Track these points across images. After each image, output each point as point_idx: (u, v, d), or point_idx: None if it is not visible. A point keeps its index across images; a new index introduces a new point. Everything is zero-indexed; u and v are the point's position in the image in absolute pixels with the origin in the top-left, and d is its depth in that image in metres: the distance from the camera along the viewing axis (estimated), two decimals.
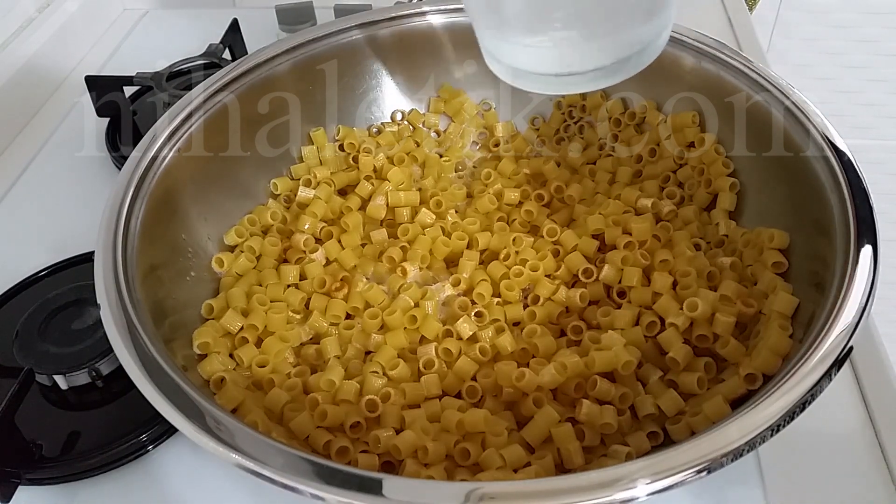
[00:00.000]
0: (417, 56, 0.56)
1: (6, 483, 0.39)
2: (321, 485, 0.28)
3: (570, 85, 0.35)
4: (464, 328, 0.43)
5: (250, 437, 0.30)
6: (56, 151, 0.65)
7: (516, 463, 0.35)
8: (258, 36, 0.74)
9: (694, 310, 0.40)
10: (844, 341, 0.32)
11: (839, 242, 0.36)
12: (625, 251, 0.45)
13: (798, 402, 0.30)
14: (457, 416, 0.37)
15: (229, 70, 0.49)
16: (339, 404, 0.39)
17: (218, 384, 0.39)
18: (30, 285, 0.50)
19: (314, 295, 0.45)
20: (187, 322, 0.42)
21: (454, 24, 0.54)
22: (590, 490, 0.27)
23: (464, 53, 0.56)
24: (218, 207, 0.48)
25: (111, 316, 0.35)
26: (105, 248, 0.38)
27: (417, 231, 0.48)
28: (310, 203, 0.50)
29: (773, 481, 0.39)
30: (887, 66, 0.93)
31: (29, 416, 0.41)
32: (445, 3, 0.54)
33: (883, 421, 0.41)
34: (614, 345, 0.39)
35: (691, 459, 0.28)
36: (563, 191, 0.51)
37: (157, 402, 0.32)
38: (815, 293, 0.36)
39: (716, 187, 0.47)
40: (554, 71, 0.34)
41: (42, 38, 0.71)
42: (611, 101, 0.54)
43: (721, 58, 0.47)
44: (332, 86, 0.54)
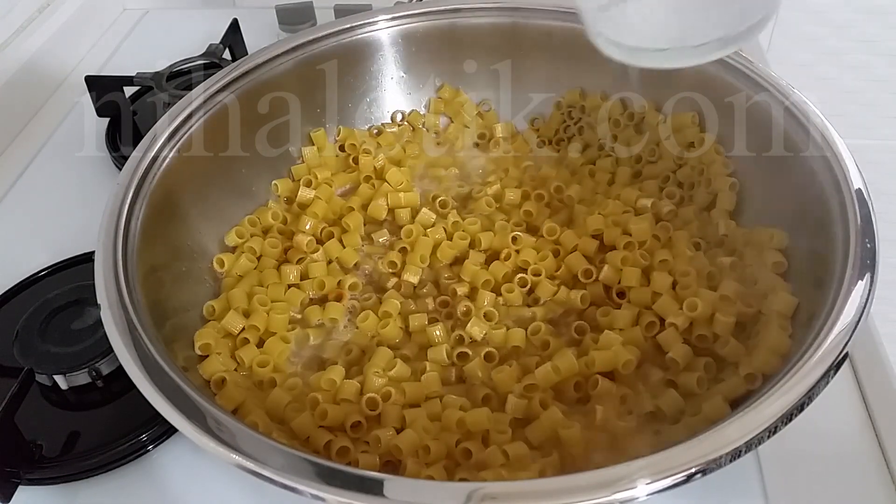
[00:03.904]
0: (417, 56, 0.56)
1: (6, 483, 0.39)
2: (321, 485, 0.28)
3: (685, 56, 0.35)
4: (474, 330, 0.42)
5: (250, 437, 0.30)
6: (56, 151, 0.65)
7: (520, 460, 0.35)
8: (258, 36, 0.74)
9: (694, 310, 0.40)
10: (844, 341, 0.32)
11: (839, 242, 0.36)
12: (624, 251, 0.45)
13: (798, 401, 0.30)
14: (458, 415, 0.37)
15: (229, 70, 0.49)
16: (339, 404, 0.39)
17: (219, 384, 0.39)
18: (30, 285, 0.50)
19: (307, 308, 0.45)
20: (188, 323, 0.42)
21: (454, 25, 0.54)
22: (590, 490, 0.27)
23: (464, 54, 0.56)
24: (218, 208, 0.48)
25: (111, 316, 0.35)
26: (105, 248, 0.38)
27: (419, 231, 0.48)
28: (310, 203, 0.50)
29: (773, 481, 0.39)
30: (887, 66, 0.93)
31: (29, 416, 0.41)
32: (446, 3, 0.54)
33: (883, 421, 0.41)
34: (613, 344, 0.39)
35: (691, 459, 0.28)
36: (563, 191, 0.51)
37: (157, 402, 0.32)
38: (814, 293, 0.36)
39: (716, 187, 0.47)
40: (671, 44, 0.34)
41: (42, 38, 0.71)
42: (610, 101, 0.54)
43: (721, 58, 0.47)
44: (332, 86, 0.54)
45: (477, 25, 0.55)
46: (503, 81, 0.57)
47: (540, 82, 0.56)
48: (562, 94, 0.56)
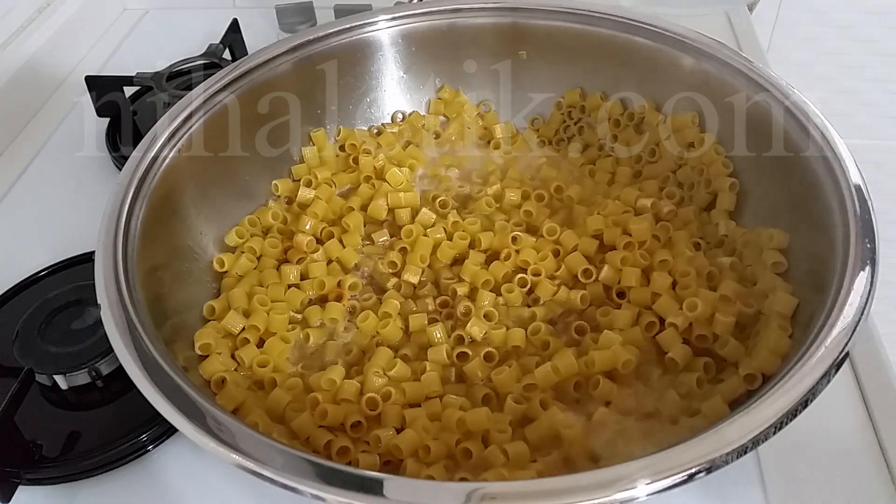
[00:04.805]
0: (417, 56, 0.56)
1: (6, 483, 0.39)
2: (321, 485, 0.28)
3: None
4: (474, 330, 0.42)
5: (250, 437, 0.30)
6: (56, 151, 0.65)
7: (520, 460, 0.35)
8: (258, 36, 0.74)
9: (693, 310, 0.40)
10: (844, 341, 0.32)
11: (839, 242, 0.36)
12: (624, 251, 0.45)
13: (798, 402, 0.30)
14: (458, 415, 0.37)
15: (229, 70, 0.49)
16: (339, 403, 0.39)
17: (219, 384, 0.39)
18: (30, 285, 0.50)
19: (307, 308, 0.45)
20: (188, 323, 0.42)
21: (454, 25, 0.54)
22: (590, 490, 0.27)
23: (464, 54, 0.56)
24: (218, 208, 0.48)
25: (111, 316, 0.35)
26: (105, 248, 0.38)
27: (419, 231, 0.48)
28: (310, 203, 0.50)
29: (773, 481, 0.39)
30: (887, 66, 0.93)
31: (29, 416, 0.41)
32: (446, 3, 0.54)
33: (883, 421, 0.41)
34: (613, 344, 0.39)
35: (691, 459, 0.28)
36: (563, 191, 0.51)
37: (157, 402, 0.32)
38: (814, 293, 0.36)
39: (715, 187, 0.47)
40: None
41: (42, 38, 0.71)
42: (610, 101, 0.54)
43: (721, 58, 0.47)
44: (332, 86, 0.54)
45: (477, 25, 0.55)
46: (503, 81, 0.57)
47: (540, 82, 0.56)
48: (562, 94, 0.56)
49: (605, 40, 0.52)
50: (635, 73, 0.52)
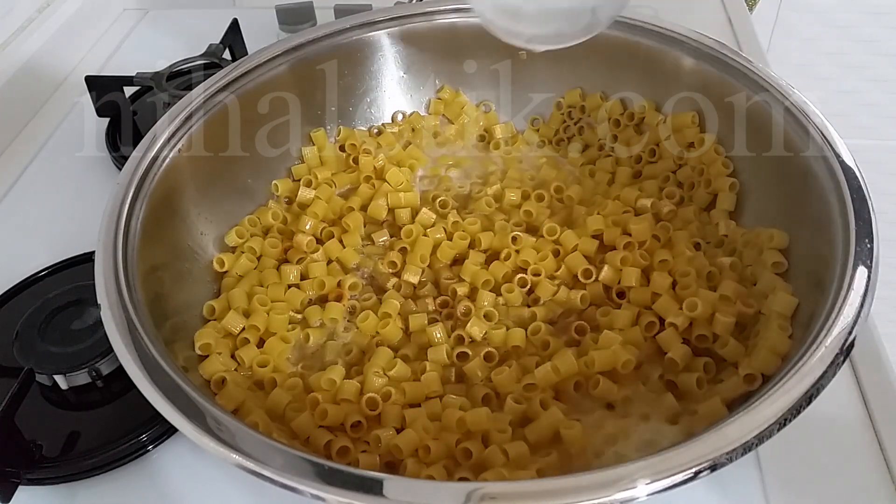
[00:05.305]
0: (417, 56, 0.56)
1: (6, 483, 0.39)
2: (321, 485, 0.28)
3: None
4: (474, 330, 0.42)
5: (250, 437, 0.30)
6: (56, 151, 0.65)
7: (520, 460, 0.35)
8: (258, 36, 0.74)
9: (693, 310, 0.40)
10: (844, 341, 0.32)
11: (839, 242, 0.36)
12: (624, 251, 0.45)
13: (796, 403, 0.30)
14: (458, 415, 0.37)
15: (229, 70, 0.49)
16: (339, 403, 0.39)
17: (219, 384, 0.39)
18: (30, 285, 0.50)
19: (307, 308, 0.45)
20: (188, 323, 0.42)
21: (454, 25, 0.54)
22: (590, 490, 0.27)
23: (464, 54, 0.56)
24: (218, 208, 0.48)
25: (111, 316, 0.35)
26: (105, 248, 0.38)
27: (419, 231, 0.48)
28: (310, 203, 0.50)
29: (773, 480, 0.39)
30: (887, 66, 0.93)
31: (29, 416, 0.41)
32: (446, 3, 0.54)
33: (882, 420, 0.41)
34: (613, 344, 0.39)
35: (691, 459, 0.28)
36: (563, 191, 0.51)
37: (157, 402, 0.32)
38: (814, 293, 0.36)
39: (715, 187, 0.47)
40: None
41: (42, 38, 0.71)
42: (610, 101, 0.54)
43: (721, 58, 0.47)
44: (332, 86, 0.54)
45: (477, 25, 0.54)
46: (503, 81, 0.57)
47: (540, 82, 0.56)
48: (562, 95, 0.56)
49: (605, 40, 0.52)
50: (635, 73, 0.52)
